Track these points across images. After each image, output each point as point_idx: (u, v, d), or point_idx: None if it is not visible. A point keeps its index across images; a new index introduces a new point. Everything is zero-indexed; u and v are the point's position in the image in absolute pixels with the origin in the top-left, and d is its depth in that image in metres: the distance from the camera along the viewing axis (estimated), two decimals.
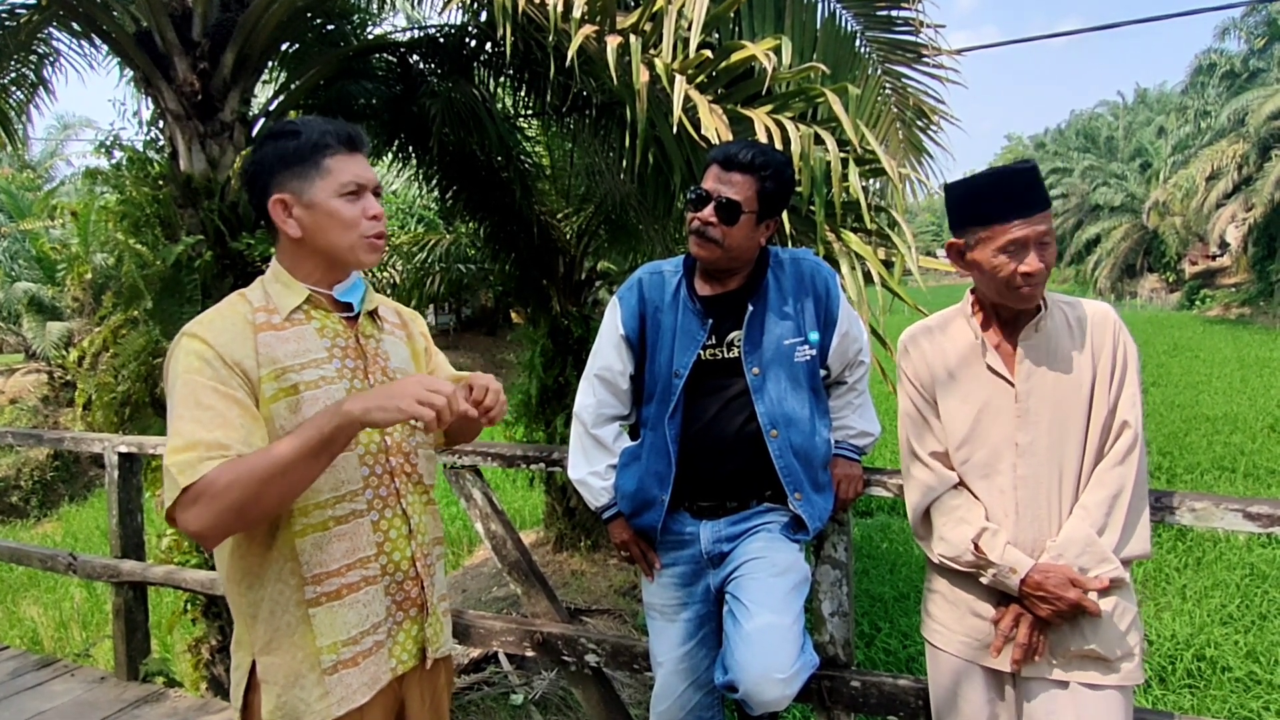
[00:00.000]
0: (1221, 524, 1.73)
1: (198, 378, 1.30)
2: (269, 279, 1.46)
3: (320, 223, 1.40)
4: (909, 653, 4.87)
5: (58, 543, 9.48)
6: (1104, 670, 1.54)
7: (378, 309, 1.57)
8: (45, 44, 4.41)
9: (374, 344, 1.51)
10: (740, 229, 1.80)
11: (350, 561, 1.39)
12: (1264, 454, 8.98)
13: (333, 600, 1.37)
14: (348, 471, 1.40)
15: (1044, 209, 1.53)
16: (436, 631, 1.53)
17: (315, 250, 1.43)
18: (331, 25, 4.69)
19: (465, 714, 4.37)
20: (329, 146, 1.39)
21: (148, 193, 3.81)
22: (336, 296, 1.47)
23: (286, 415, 1.35)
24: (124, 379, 3.87)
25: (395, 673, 1.45)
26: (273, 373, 1.35)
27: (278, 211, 1.40)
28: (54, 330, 14.31)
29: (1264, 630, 5.01)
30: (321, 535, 1.37)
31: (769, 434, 1.83)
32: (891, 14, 3.72)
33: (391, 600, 1.44)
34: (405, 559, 1.46)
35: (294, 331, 1.40)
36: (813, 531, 1.88)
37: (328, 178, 1.39)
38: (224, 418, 1.28)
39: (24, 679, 3.32)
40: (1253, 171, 23.63)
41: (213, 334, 1.34)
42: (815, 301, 1.89)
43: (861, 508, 7.96)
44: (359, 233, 1.41)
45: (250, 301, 1.42)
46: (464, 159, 5.45)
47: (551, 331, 6.69)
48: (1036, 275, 1.53)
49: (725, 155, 1.82)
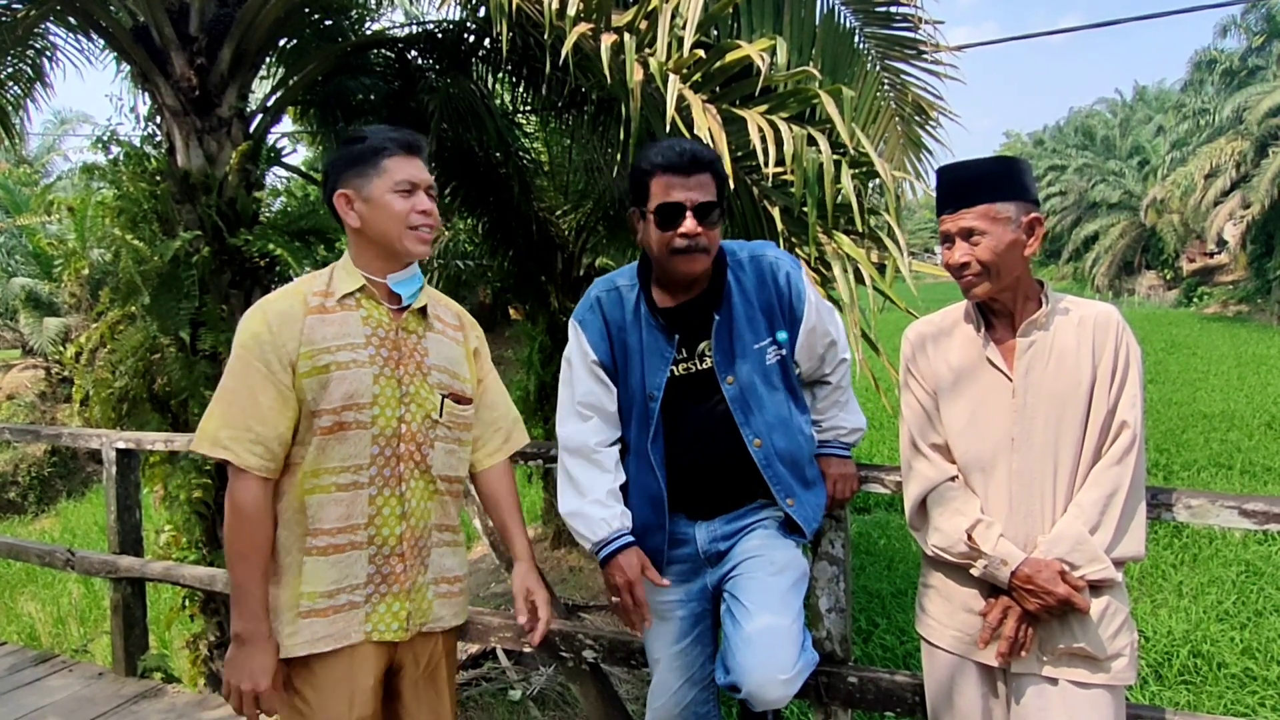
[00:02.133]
0: (1218, 521, 1.74)
1: (249, 355, 1.56)
2: (339, 265, 1.69)
3: (375, 215, 1.61)
4: (906, 649, 4.88)
5: (55, 538, 9.47)
6: (1093, 669, 1.55)
7: (429, 307, 1.74)
8: (42, 38, 4.40)
9: (414, 339, 1.69)
10: (718, 229, 1.75)
11: (343, 525, 1.59)
12: (1261, 451, 8.99)
13: (320, 555, 1.58)
14: (359, 447, 1.59)
15: (973, 203, 1.57)
16: (421, 608, 1.68)
17: (372, 240, 1.64)
18: (329, 21, 4.68)
19: (463, 709, 4.37)
20: (387, 149, 1.61)
21: (145, 188, 3.80)
22: (390, 286, 1.66)
23: (315, 390, 1.57)
24: (121, 375, 3.87)
25: (371, 638, 1.61)
26: (309, 351, 1.57)
27: (341, 204, 1.63)
28: (51, 326, 14.27)
29: (1260, 627, 5.03)
30: (325, 497, 1.58)
31: (752, 444, 1.80)
32: (890, 10, 3.72)
33: (375, 570, 1.62)
34: (394, 536, 1.63)
35: (340, 316, 1.62)
36: (809, 533, 1.88)
37: (384, 176, 1.60)
38: (257, 404, 1.55)
39: (22, 674, 3.32)
40: (1250, 169, 23.63)
41: (271, 314, 1.59)
42: (779, 298, 1.82)
43: (859, 504, 7.97)
44: (408, 224, 1.61)
45: (315, 283, 1.65)
46: (462, 155, 5.45)
47: (550, 328, 6.69)
48: (964, 268, 1.59)
49: (681, 159, 1.69)
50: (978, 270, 1.58)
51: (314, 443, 1.58)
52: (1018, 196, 1.58)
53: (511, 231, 6.12)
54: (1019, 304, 1.64)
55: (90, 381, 3.95)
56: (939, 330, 1.74)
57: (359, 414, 1.59)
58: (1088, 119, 42.27)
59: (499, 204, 5.84)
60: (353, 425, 1.59)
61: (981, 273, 1.58)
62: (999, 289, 1.60)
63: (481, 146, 5.32)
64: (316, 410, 1.57)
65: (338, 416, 1.58)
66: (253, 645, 1.54)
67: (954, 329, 1.72)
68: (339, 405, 1.58)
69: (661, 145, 1.76)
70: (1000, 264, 1.57)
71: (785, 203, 2.65)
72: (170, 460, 3.84)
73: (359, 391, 1.59)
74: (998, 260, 1.57)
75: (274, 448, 1.57)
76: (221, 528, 3.88)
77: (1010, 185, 1.58)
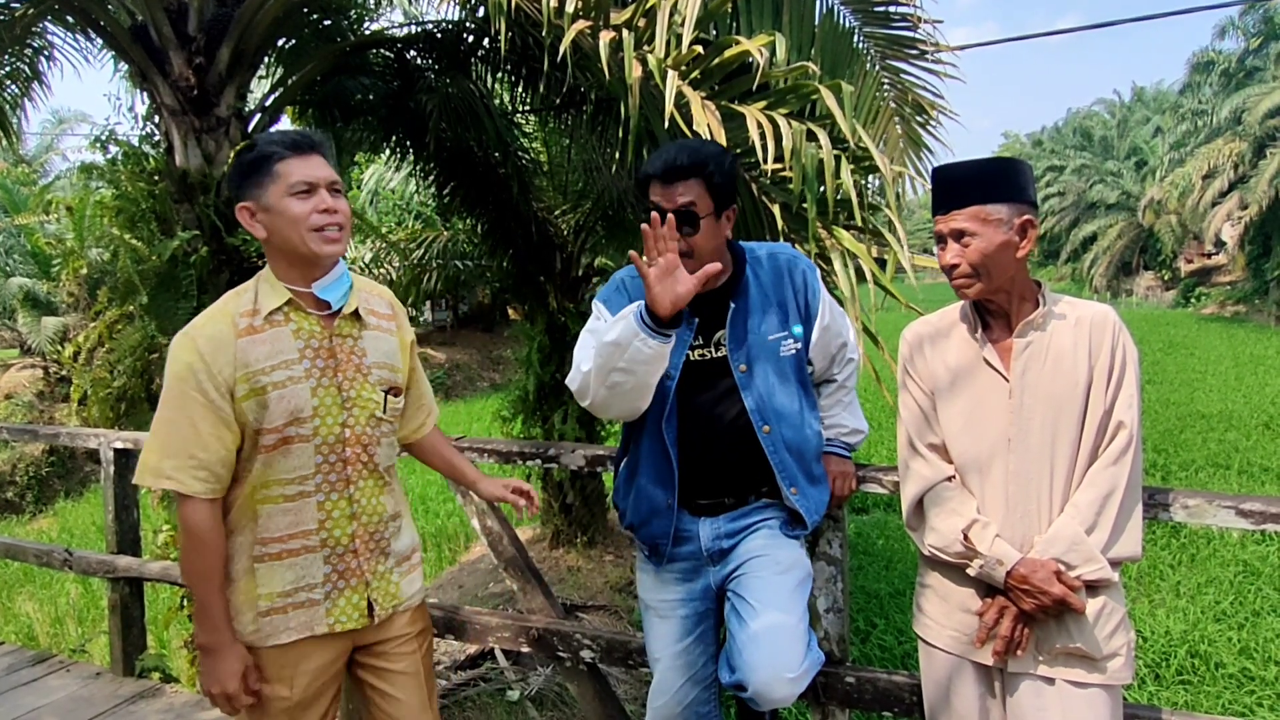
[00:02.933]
0: (1215, 521, 1.74)
1: (184, 386, 1.55)
2: (260, 280, 1.64)
3: (276, 222, 1.57)
4: (904, 649, 4.89)
5: (53, 538, 9.45)
6: (1089, 668, 1.55)
7: (360, 306, 1.70)
8: (40, 37, 4.39)
9: (349, 344, 1.68)
10: (704, 232, 1.76)
11: (294, 532, 1.63)
12: (1258, 451, 9.00)
13: (273, 560, 1.62)
14: (302, 459, 1.61)
15: (963, 205, 1.57)
16: (390, 593, 1.74)
17: (280, 249, 1.60)
18: (328, 21, 4.67)
19: (461, 710, 4.37)
20: (276, 153, 1.56)
21: (143, 188, 3.79)
22: (316, 294, 1.63)
23: (256, 411, 1.56)
24: (120, 374, 3.86)
25: (333, 629, 1.66)
26: (245, 375, 1.55)
27: (245, 218, 1.59)
28: (49, 325, 14.25)
29: (1257, 627, 5.03)
30: (274, 507, 1.61)
31: (760, 430, 1.83)
32: (889, 10, 3.72)
33: (332, 568, 1.66)
34: (346, 535, 1.67)
35: (270, 334, 1.59)
36: (811, 525, 1.88)
37: (279, 181, 1.56)
38: (197, 432, 1.54)
39: (19, 674, 3.31)
40: (1248, 170, 23.67)
41: (202, 341, 1.55)
42: (795, 293, 1.88)
43: (857, 505, 7.97)
44: (309, 225, 1.56)
45: (240, 302, 1.61)
46: (461, 155, 5.44)
47: (549, 328, 6.68)
48: (954, 269, 1.59)
49: (663, 167, 1.76)
50: (967, 272, 1.59)
51: (259, 458, 1.59)
52: (1011, 198, 1.57)
53: (510, 231, 6.11)
54: (1015, 305, 1.64)
55: (88, 381, 3.95)
56: (936, 331, 1.74)
57: (300, 428, 1.59)
58: (1086, 120, 42.32)
59: (498, 204, 5.83)
60: (295, 439, 1.59)
61: (971, 274, 1.59)
62: (991, 290, 1.61)
63: (480, 146, 5.31)
64: (260, 429, 1.57)
65: (280, 434, 1.58)
66: (217, 654, 1.59)
67: (951, 330, 1.72)
68: (280, 424, 1.58)
69: (661, 149, 1.83)
70: (990, 265, 1.57)
71: (785, 199, 2.65)
72: None
73: (299, 407, 1.58)
74: (987, 262, 1.57)
75: (218, 470, 1.57)
76: None
77: (1003, 187, 1.58)
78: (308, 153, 1.58)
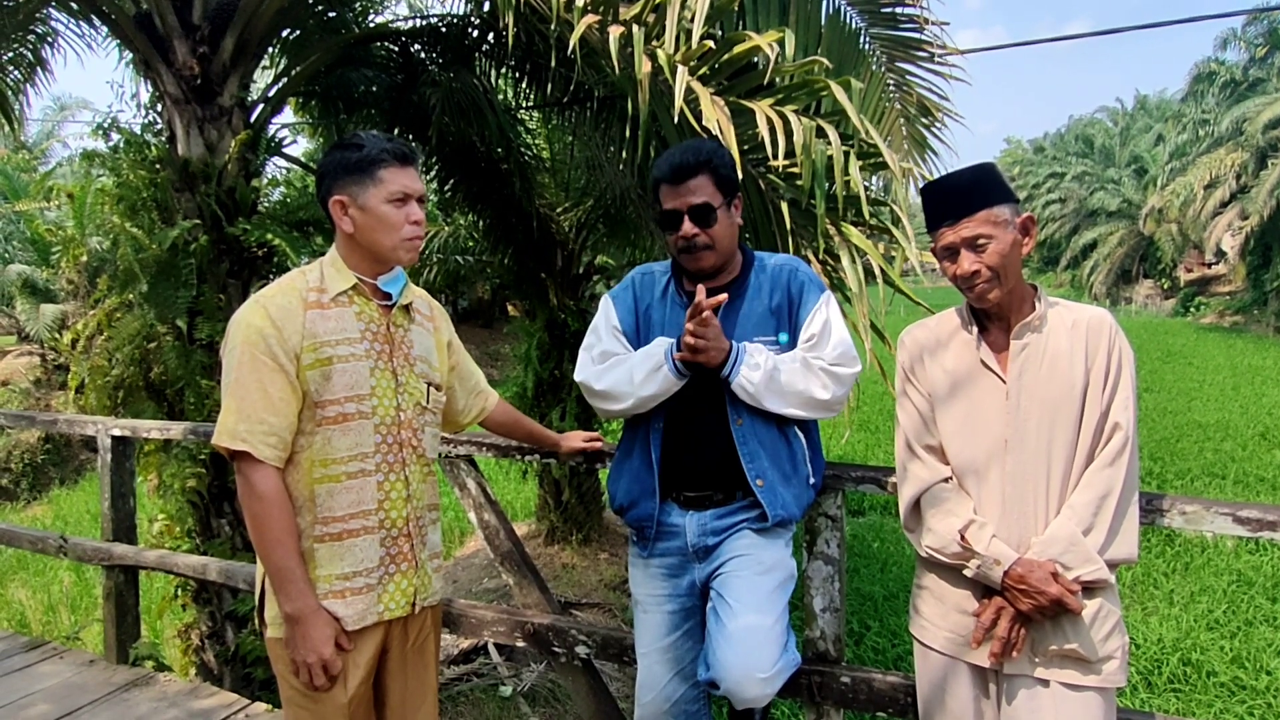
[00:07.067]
0: (1211, 527, 1.74)
1: (254, 350, 1.60)
2: (326, 263, 1.73)
3: (370, 223, 1.67)
4: (898, 651, 4.90)
5: (47, 526, 9.45)
6: (1084, 670, 1.56)
7: (412, 302, 1.83)
8: (44, 24, 4.38)
9: (402, 332, 1.78)
10: (720, 224, 1.86)
11: (354, 511, 1.66)
12: (1254, 461, 9.03)
13: (334, 541, 1.65)
14: (363, 436, 1.67)
15: (972, 212, 1.58)
16: (425, 584, 1.79)
17: (363, 246, 1.70)
18: (333, 12, 4.67)
19: (454, 705, 4.37)
20: (384, 160, 1.66)
21: (144, 176, 3.78)
22: (380, 286, 1.74)
23: (319, 381, 1.63)
24: (118, 363, 3.85)
25: (383, 616, 1.70)
26: (312, 345, 1.63)
27: (336, 210, 1.68)
28: (48, 313, 14.23)
29: (1250, 636, 5.05)
30: (334, 485, 1.65)
31: (734, 422, 1.86)
32: (896, 11, 3.72)
33: (385, 552, 1.70)
34: (401, 518, 1.72)
35: (336, 312, 1.68)
36: (772, 519, 1.85)
37: (380, 186, 1.66)
38: (268, 395, 1.59)
39: (12, 660, 3.31)
40: (1250, 180, 23.69)
41: (273, 309, 1.63)
42: (788, 302, 1.91)
43: (854, 507, 7.98)
44: (401, 235, 1.68)
45: (307, 280, 1.70)
46: (464, 150, 5.44)
47: (548, 325, 6.68)
48: (975, 276, 1.59)
49: (671, 170, 1.86)
50: (988, 276, 1.59)
51: (319, 434, 1.65)
52: (1008, 198, 1.62)
53: (512, 228, 6.11)
54: (1014, 307, 1.65)
55: (86, 369, 3.94)
56: (935, 335, 1.75)
57: (360, 405, 1.67)
58: (1088, 127, 42.33)
59: (500, 200, 5.83)
60: (355, 415, 1.66)
61: (992, 278, 1.60)
62: (1006, 291, 1.62)
63: (483, 142, 5.31)
64: (320, 401, 1.64)
65: (340, 407, 1.65)
66: (306, 620, 1.60)
67: (949, 334, 1.73)
68: (341, 396, 1.65)
69: (664, 155, 1.92)
70: (1007, 266, 1.59)
71: (793, 195, 2.65)
72: (165, 449, 3.83)
73: (358, 383, 1.67)
74: (1004, 263, 1.59)
75: (286, 437, 1.63)
76: (215, 518, 3.89)
77: (999, 189, 1.61)
78: (407, 164, 1.69)
